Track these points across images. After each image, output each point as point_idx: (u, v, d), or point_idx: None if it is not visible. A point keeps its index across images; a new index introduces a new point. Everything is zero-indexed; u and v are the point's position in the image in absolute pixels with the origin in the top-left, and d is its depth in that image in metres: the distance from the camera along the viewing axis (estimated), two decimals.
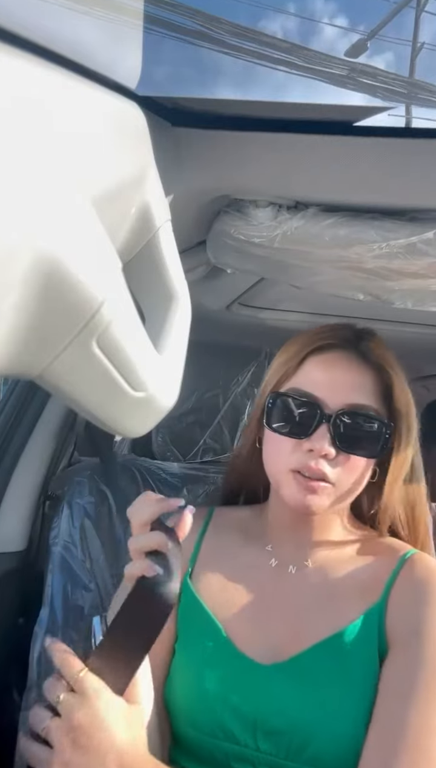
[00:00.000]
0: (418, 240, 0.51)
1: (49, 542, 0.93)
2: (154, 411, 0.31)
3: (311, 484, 0.61)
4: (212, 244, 0.62)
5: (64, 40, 0.28)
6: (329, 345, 0.66)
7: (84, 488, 0.96)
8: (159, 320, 0.37)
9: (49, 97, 0.25)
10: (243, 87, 0.42)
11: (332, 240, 0.53)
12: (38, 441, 1.00)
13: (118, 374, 0.27)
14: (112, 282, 0.26)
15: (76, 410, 0.29)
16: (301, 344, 0.67)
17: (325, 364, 0.65)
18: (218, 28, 0.37)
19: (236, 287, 0.82)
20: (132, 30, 0.35)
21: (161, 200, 0.39)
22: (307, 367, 0.66)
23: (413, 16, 0.43)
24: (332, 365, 0.65)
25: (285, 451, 0.64)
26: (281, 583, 0.66)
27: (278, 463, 0.65)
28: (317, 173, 0.49)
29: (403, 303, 0.62)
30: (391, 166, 0.47)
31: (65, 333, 0.24)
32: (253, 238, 0.56)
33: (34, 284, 0.22)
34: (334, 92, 0.42)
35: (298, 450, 0.63)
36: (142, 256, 0.38)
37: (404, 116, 0.44)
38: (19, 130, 0.22)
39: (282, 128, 0.45)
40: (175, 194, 0.47)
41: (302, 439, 0.63)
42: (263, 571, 0.68)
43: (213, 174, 0.50)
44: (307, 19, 0.41)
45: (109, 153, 0.31)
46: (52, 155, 0.24)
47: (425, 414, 1.43)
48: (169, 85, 0.39)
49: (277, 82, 0.42)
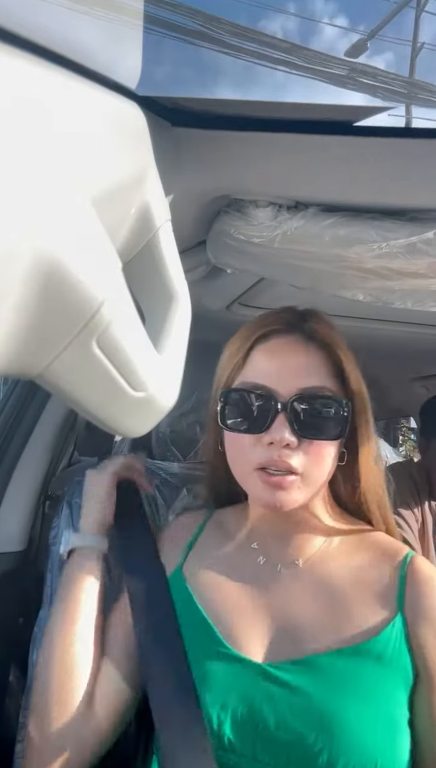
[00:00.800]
0: (418, 240, 0.51)
1: (49, 542, 0.93)
2: (154, 411, 0.31)
3: (276, 480, 0.59)
4: (212, 244, 0.62)
5: (64, 40, 0.28)
6: (272, 331, 0.64)
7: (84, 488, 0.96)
8: (159, 320, 0.37)
9: (49, 97, 0.25)
10: (243, 87, 0.42)
11: (332, 240, 0.53)
12: (38, 441, 1.00)
13: (118, 374, 0.27)
14: (112, 282, 0.26)
15: (76, 410, 0.29)
16: (245, 335, 0.65)
17: (271, 352, 0.63)
18: (218, 28, 0.37)
19: (236, 287, 0.82)
20: (132, 30, 0.35)
21: (161, 200, 0.39)
22: (254, 358, 0.64)
23: (413, 16, 0.43)
24: (278, 351, 0.63)
25: (246, 449, 0.62)
26: (271, 582, 0.65)
27: (242, 462, 0.63)
28: (317, 173, 0.49)
29: (403, 303, 0.62)
30: (391, 166, 0.47)
31: (65, 333, 0.24)
32: (253, 238, 0.56)
33: (34, 284, 0.22)
34: (334, 92, 0.42)
35: (258, 445, 0.60)
36: (142, 256, 0.38)
37: (404, 116, 0.44)
38: (19, 130, 0.22)
39: (282, 128, 0.45)
40: (175, 194, 0.47)
41: (261, 433, 0.60)
42: (251, 569, 0.66)
43: (213, 174, 0.50)
44: (307, 19, 0.40)
45: (109, 153, 0.31)
46: (52, 155, 0.24)
47: (425, 410, 1.43)
48: (169, 85, 0.39)
49: (277, 82, 0.42)
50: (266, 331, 0.64)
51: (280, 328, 0.64)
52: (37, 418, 1.00)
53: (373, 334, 1.03)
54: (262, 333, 0.64)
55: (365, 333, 1.02)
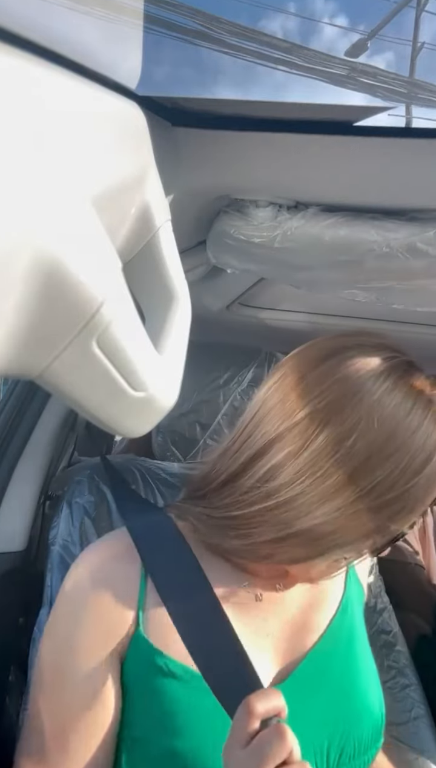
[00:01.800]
0: (418, 240, 0.51)
1: (49, 542, 0.93)
2: (154, 411, 0.31)
3: None
4: (212, 244, 0.62)
5: (65, 40, 0.28)
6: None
7: (84, 488, 0.96)
8: (159, 320, 0.37)
9: (48, 97, 0.25)
10: (243, 87, 0.42)
11: (332, 240, 0.53)
12: (38, 441, 1.00)
13: (118, 374, 0.27)
14: (112, 282, 0.26)
15: (76, 410, 0.29)
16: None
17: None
18: (218, 28, 0.37)
19: (236, 287, 0.82)
20: (132, 30, 0.35)
21: (161, 200, 0.39)
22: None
23: (413, 16, 0.43)
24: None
25: None
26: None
27: None
28: (317, 173, 0.49)
29: (403, 303, 0.62)
30: (391, 166, 0.47)
31: (65, 333, 0.24)
32: (253, 238, 0.56)
33: (34, 284, 0.22)
34: (334, 92, 0.42)
35: None
36: (143, 256, 0.38)
37: (404, 116, 0.44)
38: (18, 130, 0.22)
39: (282, 128, 0.45)
40: (175, 194, 0.47)
41: None
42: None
43: (213, 174, 0.50)
44: (307, 19, 0.40)
45: (109, 153, 0.31)
46: (52, 155, 0.24)
47: None
48: (169, 85, 0.39)
49: (277, 82, 0.42)
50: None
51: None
52: (37, 418, 1.00)
53: None
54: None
55: None
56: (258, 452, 0.52)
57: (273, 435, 0.51)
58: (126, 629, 0.55)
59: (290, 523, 0.50)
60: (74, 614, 0.56)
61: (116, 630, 0.55)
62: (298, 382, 0.51)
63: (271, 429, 0.52)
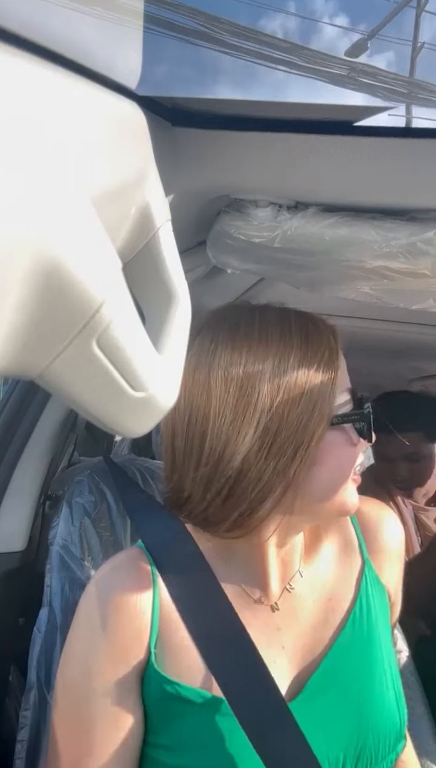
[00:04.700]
0: (418, 240, 0.51)
1: (49, 542, 0.93)
2: (154, 411, 0.31)
3: (357, 478, 0.62)
4: (212, 244, 0.62)
5: (64, 40, 0.28)
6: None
7: (84, 488, 0.96)
8: (159, 320, 0.36)
9: (48, 97, 0.25)
10: (243, 87, 0.42)
11: (332, 240, 0.53)
12: (38, 441, 1.00)
13: (118, 374, 0.27)
14: (112, 282, 0.26)
15: (76, 410, 0.29)
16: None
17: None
18: (218, 28, 0.37)
19: (236, 287, 0.82)
20: (132, 30, 0.35)
21: (161, 200, 0.39)
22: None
23: (413, 16, 0.43)
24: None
25: (356, 455, 0.61)
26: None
27: (349, 469, 0.61)
28: (317, 173, 0.49)
29: (403, 303, 0.62)
30: (391, 166, 0.47)
31: (65, 333, 0.24)
32: (253, 238, 0.56)
33: (34, 284, 0.22)
34: (334, 92, 0.42)
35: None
36: (143, 256, 0.38)
37: (404, 116, 0.44)
38: (18, 130, 0.22)
39: (282, 128, 0.45)
40: (175, 194, 0.47)
41: None
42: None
43: (213, 174, 0.50)
44: (307, 19, 0.40)
45: (109, 153, 0.31)
46: (51, 155, 0.24)
47: (382, 404, 1.43)
48: (169, 85, 0.39)
49: (277, 82, 0.42)
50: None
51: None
52: (37, 418, 1.00)
53: (373, 334, 1.03)
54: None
55: (365, 333, 1.02)
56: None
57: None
58: (140, 657, 0.56)
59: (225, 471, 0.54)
60: (90, 639, 0.57)
61: (130, 659, 0.56)
62: None
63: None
